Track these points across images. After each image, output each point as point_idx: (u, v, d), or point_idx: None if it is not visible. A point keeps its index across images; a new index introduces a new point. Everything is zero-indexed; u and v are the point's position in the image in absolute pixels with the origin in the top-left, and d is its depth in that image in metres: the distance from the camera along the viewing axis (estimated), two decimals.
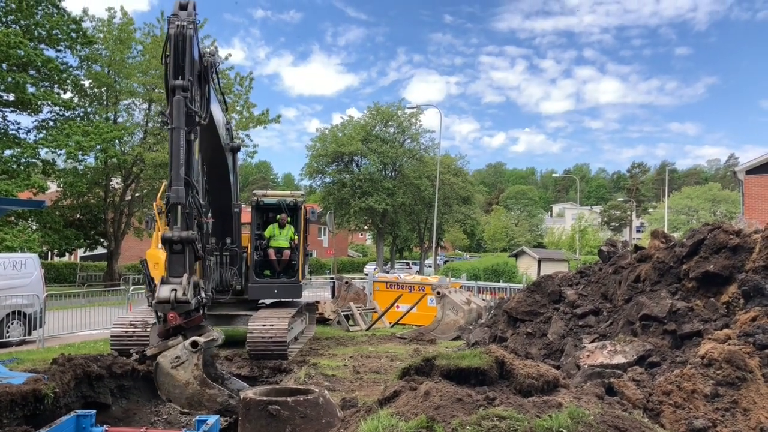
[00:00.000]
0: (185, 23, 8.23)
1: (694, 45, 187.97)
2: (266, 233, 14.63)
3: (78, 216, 36.66)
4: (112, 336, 12.22)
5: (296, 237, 14.65)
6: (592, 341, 8.72)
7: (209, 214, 11.32)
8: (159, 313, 7.78)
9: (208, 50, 9.77)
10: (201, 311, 8.09)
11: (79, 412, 6.23)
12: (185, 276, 7.65)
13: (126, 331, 11.97)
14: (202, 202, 8.66)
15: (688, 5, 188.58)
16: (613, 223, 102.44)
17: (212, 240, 12.84)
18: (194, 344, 7.55)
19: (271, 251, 14.43)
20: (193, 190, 8.18)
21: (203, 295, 8.17)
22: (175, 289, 7.52)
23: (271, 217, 15.02)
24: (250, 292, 13.91)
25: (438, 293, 17.66)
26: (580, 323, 9.83)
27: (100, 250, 40.97)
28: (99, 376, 9.04)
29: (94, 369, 8.99)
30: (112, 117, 36.06)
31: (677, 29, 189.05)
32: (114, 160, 33.98)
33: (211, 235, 12.86)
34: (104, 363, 9.41)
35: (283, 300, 14.41)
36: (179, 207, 7.85)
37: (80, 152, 30.72)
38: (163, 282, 7.70)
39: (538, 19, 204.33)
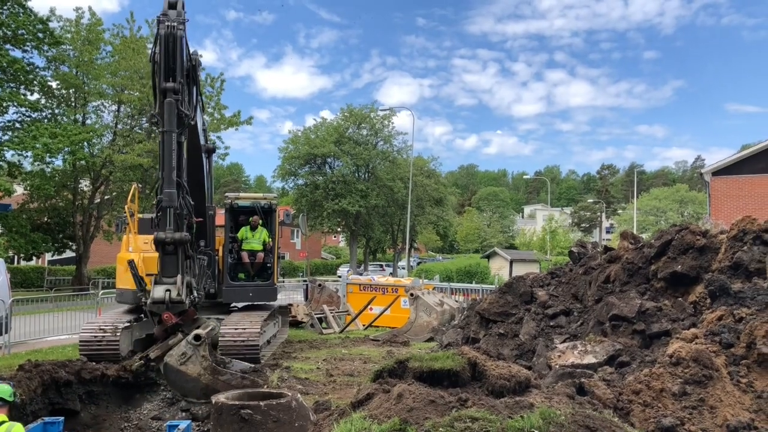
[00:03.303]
0: (175, 23, 8.09)
1: (661, 49, 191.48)
2: (239, 236, 14.50)
3: (45, 219, 35.97)
4: (80, 341, 12.00)
5: (269, 240, 14.57)
6: (563, 341, 8.81)
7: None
8: (154, 314, 7.76)
9: (192, 49, 9.69)
10: (194, 306, 8.12)
11: (47, 419, 6.14)
12: (179, 276, 7.75)
13: (95, 336, 11.76)
14: (192, 202, 8.60)
15: (656, 10, 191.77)
16: (583, 224, 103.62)
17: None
18: (197, 338, 7.67)
19: (245, 254, 14.31)
20: (184, 191, 8.14)
21: (195, 294, 8.19)
22: (169, 290, 7.64)
23: (243, 219, 14.87)
24: (224, 296, 13.79)
25: (411, 295, 17.70)
26: (551, 324, 9.92)
27: (68, 254, 40.26)
28: (67, 382, 8.90)
29: (62, 375, 8.85)
30: (81, 119, 35.45)
31: (645, 33, 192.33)
32: (83, 162, 33.42)
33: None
34: (72, 369, 9.27)
35: (255, 303, 14.31)
36: (171, 210, 7.86)
37: (48, 154, 30.15)
38: (157, 282, 7.80)
39: (510, 23, 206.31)
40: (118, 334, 11.68)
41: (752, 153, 27.42)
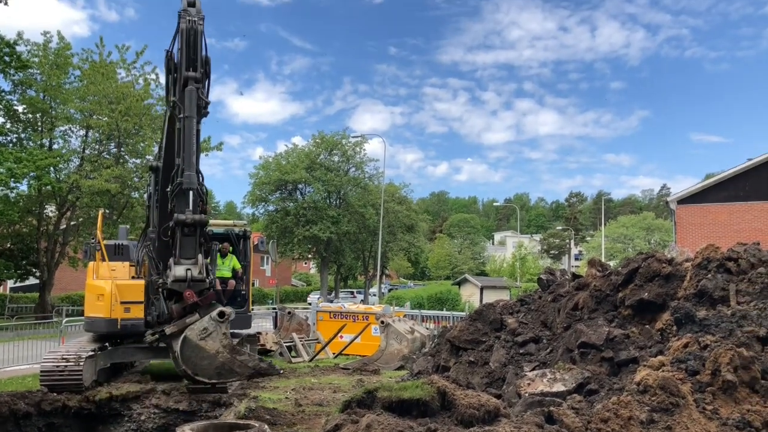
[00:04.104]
0: (195, 18, 8.60)
1: (627, 79, 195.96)
2: None
3: (8, 245, 35.16)
4: (42, 371, 11.65)
5: (240, 267, 14.48)
6: (533, 369, 8.81)
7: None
8: (173, 293, 7.87)
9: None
10: (211, 290, 8.23)
11: None
12: (200, 256, 7.98)
13: (57, 366, 11.44)
14: (205, 190, 8.77)
15: (622, 42, 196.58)
16: (552, 251, 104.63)
17: (161, 266, 12.68)
18: (221, 314, 7.69)
19: (216, 281, 14.17)
20: (201, 177, 8.44)
21: (211, 276, 8.35)
22: (189, 269, 7.77)
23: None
24: None
25: (382, 322, 17.60)
26: (521, 351, 9.93)
27: (31, 281, 39.34)
28: (26, 414, 8.65)
29: (21, 406, 8.60)
30: (48, 143, 34.94)
31: (611, 64, 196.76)
32: (48, 187, 32.86)
33: (159, 261, 12.69)
34: (33, 400, 9.02)
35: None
36: (191, 192, 8.20)
37: (12, 179, 29.61)
38: (176, 263, 7.88)
39: (480, 53, 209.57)
40: (82, 363, 11.39)
41: (716, 182, 28.08)
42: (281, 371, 11.13)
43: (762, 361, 6.47)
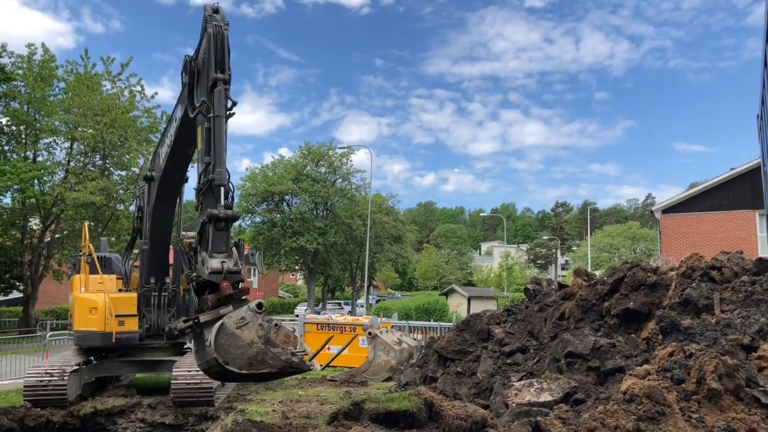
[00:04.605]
0: (222, 24, 9.04)
1: (612, 90, 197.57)
2: None
3: None
4: (25, 386, 11.53)
5: None
6: (520, 379, 8.82)
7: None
8: (209, 284, 7.98)
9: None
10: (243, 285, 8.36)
11: None
12: (233, 249, 8.18)
13: (41, 381, 11.32)
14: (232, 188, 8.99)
15: (606, 53, 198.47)
16: (539, 261, 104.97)
17: (152, 279, 12.69)
18: (259, 306, 7.84)
19: None
20: (228, 175, 8.70)
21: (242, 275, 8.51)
22: (224, 261, 7.95)
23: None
24: (190, 335, 13.59)
25: (369, 334, 17.57)
26: (508, 361, 9.94)
27: (15, 295, 38.90)
28: (9, 430, 8.54)
29: (4, 422, 8.50)
30: (32, 156, 34.67)
31: (596, 75, 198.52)
32: (32, 200, 32.58)
33: (151, 273, 12.70)
34: (16, 416, 8.92)
35: None
36: (222, 187, 8.47)
37: None
38: (210, 257, 8.03)
39: (466, 64, 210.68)
40: (66, 378, 11.28)
41: (699, 191, 28.34)
42: (312, 367, 11.15)
43: (746, 369, 6.51)
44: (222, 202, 8.48)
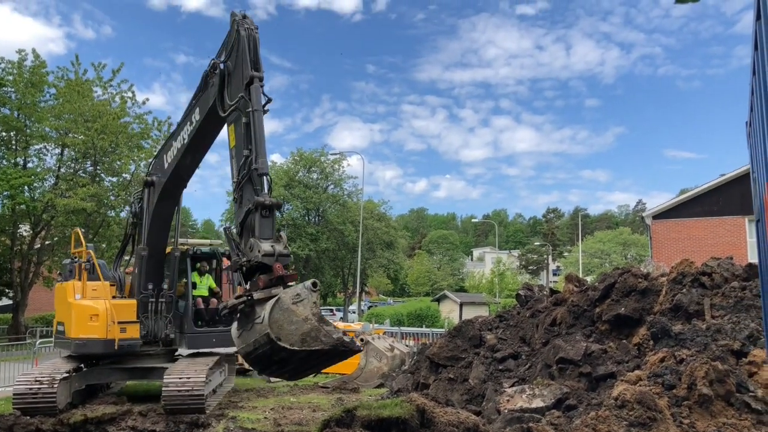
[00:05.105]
0: (252, 27, 9.77)
1: (602, 97, 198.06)
2: (193, 281, 14.33)
3: None
4: (14, 394, 11.44)
5: (215, 286, 14.58)
6: (512, 385, 8.83)
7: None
8: (261, 267, 8.21)
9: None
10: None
11: None
12: (282, 233, 8.57)
13: (30, 389, 11.24)
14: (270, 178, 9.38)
15: (596, 60, 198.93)
16: (531, 267, 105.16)
17: (149, 285, 12.69)
18: (314, 284, 7.95)
19: (199, 300, 14.20)
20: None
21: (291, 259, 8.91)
22: (273, 245, 8.29)
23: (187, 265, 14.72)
24: (188, 342, 13.56)
25: (361, 340, 17.53)
26: (500, 367, 9.96)
27: (4, 302, 38.61)
28: None
29: None
30: (22, 162, 34.48)
31: (587, 82, 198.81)
32: (23, 206, 32.38)
33: (148, 279, 12.69)
34: (5, 424, 8.85)
35: (200, 351, 13.98)
36: (266, 177, 8.95)
37: None
38: (260, 241, 8.34)
39: (457, 71, 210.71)
40: (56, 385, 11.20)
41: (690, 197, 28.50)
42: (361, 349, 11.19)
43: (737, 375, 6.55)
44: (266, 191, 8.86)
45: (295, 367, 8.09)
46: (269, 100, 9.67)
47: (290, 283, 8.29)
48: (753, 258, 24.65)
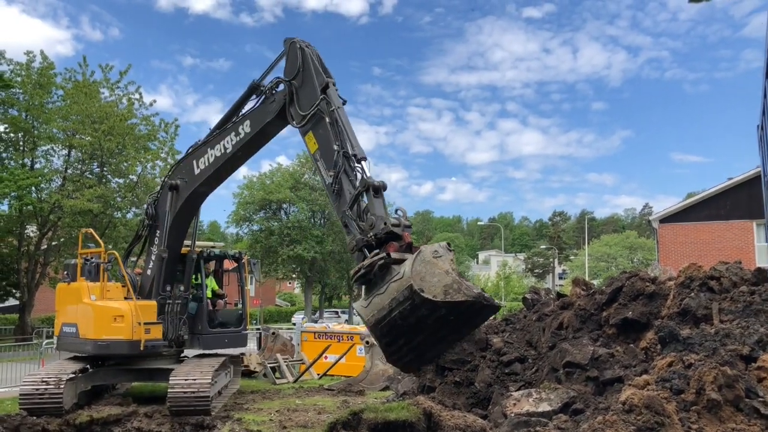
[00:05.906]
0: (307, 44, 10.83)
1: (609, 100, 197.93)
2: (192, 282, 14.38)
3: None
4: (21, 394, 11.48)
5: (218, 288, 14.80)
6: (519, 389, 8.80)
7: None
8: (389, 236, 8.42)
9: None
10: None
11: None
12: (401, 208, 8.91)
13: (37, 389, 11.27)
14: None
15: (603, 63, 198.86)
16: (536, 270, 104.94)
17: (167, 287, 12.78)
18: (449, 244, 8.15)
19: (209, 301, 14.35)
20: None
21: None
22: (395, 218, 8.67)
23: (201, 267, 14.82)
24: (203, 343, 13.64)
25: (367, 342, 17.50)
26: (506, 371, 9.92)
27: (11, 302, 38.75)
28: None
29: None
30: (29, 163, 34.63)
31: (593, 85, 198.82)
32: (30, 207, 32.52)
33: (166, 281, 12.80)
34: (11, 424, 8.87)
35: (206, 352, 14.01)
36: (365, 161, 9.54)
37: None
38: (382, 216, 8.67)
39: (463, 74, 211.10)
40: (62, 386, 11.23)
41: (697, 201, 28.43)
42: (503, 305, 11.29)
43: (746, 380, 6.50)
44: (368, 174, 9.41)
45: (426, 337, 7.79)
46: (344, 102, 10.30)
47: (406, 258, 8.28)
48: (761, 262, 24.56)
